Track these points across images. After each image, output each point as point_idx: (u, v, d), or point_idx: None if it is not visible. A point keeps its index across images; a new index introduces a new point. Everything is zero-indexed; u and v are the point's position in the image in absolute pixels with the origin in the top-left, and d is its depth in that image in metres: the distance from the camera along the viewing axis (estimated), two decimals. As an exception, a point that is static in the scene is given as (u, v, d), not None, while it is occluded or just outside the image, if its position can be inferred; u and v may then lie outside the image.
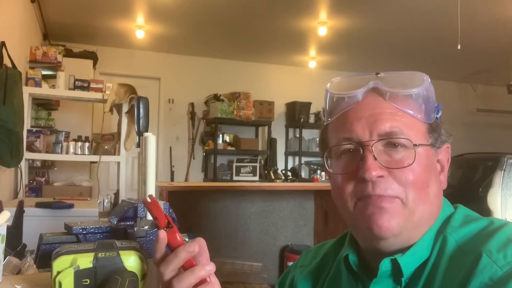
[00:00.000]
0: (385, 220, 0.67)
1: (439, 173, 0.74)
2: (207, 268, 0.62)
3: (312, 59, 6.54)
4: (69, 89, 3.78)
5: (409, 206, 0.68)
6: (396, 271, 0.69)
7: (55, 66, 4.11)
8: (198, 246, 0.63)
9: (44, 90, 3.71)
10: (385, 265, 0.69)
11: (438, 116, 0.73)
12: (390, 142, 0.69)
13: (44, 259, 0.74)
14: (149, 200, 0.67)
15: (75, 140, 3.78)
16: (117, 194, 3.77)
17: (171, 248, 0.63)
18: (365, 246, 0.75)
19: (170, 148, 6.34)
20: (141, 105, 1.01)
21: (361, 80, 0.73)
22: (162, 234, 0.63)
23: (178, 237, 0.64)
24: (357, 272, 0.76)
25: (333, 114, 0.74)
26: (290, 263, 2.85)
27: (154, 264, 0.65)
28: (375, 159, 0.67)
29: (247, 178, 5.84)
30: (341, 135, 0.72)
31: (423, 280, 0.67)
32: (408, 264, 0.68)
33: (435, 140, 0.73)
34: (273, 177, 6.04)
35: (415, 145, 0.68)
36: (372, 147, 0.68)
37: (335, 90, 0.75)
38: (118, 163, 3.81)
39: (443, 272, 0.66)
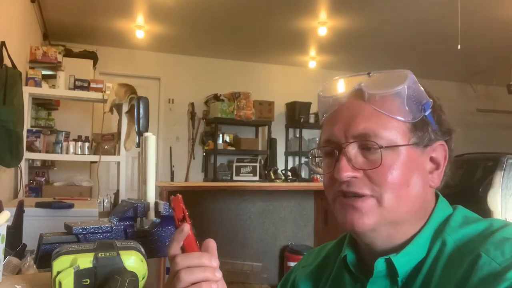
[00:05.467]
0: (355, 217, 0.69)
1: (429, 172, 0.73)
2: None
3: (312, 59, 6.54)
4: (69, 89, 3.77)
5: (384, 205, 0.68)
6: (391, 270, 0.69)
7: (55, 66, 4.11)
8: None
9: (44, 90, 3.71)
10: (380, 264, 0.70)
11: (427, 113, 0.71)
12: (363, 144, 0.70)
13: (44, 259, 0.74)
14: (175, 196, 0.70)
15: (75, 140, 3.77)
16: (117, 194, 3.77)
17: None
18: (359, 242, 0.77)
19: (170, 148, 6.34)
20: (141, 105, 1.01)
21: (351, 81, 0.74)
22: (187, 228, 0.67)
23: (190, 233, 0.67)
24: (355, 272, 0.77)
25: (322, 117, 0.78)
26: (290, 263, 2.85)
27: (168, 253, 0.66)
28: (349, 160, 0.69)
29: (247, 178, 5.83)
30: (324, 137, 0.75)
31: (420, 280, 0.67)
32: (403, 263, 0.69)
33: (419, 139, 0.71)
34: (273, 177, 6.04)
35: (381, 147, 0.68)
36: (345, 149, 0.70)
37: (326, 92, 0.77)
38: (118, 163, 3.81)
39: (441, 272, 0.66)
